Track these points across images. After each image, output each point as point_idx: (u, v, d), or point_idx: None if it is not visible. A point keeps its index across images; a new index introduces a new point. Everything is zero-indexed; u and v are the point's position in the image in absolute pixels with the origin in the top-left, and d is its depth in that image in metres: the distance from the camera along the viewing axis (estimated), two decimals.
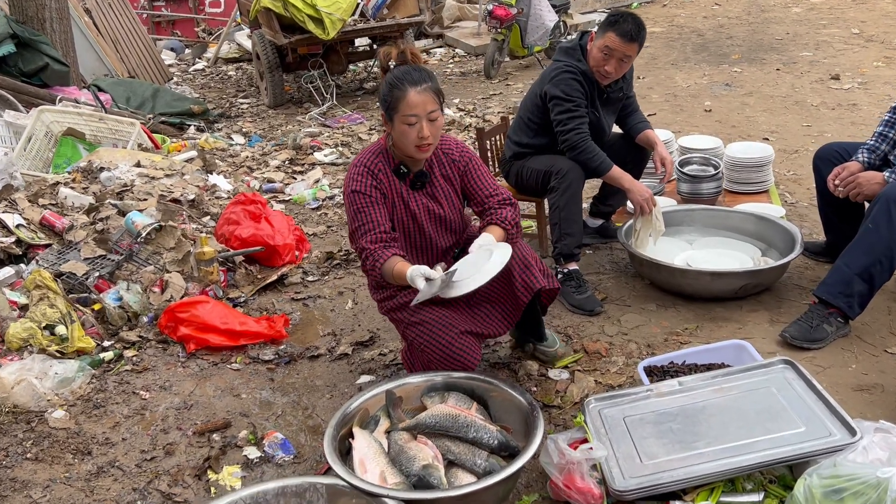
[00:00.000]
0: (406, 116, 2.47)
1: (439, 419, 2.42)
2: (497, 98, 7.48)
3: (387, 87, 2.52)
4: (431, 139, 2.51)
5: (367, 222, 2.56)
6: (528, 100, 3.60)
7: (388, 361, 3.15)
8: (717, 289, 3.27)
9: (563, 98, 3.37)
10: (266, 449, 2.64)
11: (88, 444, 2.70)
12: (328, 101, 7.45)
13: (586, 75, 3.39)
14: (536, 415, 2.38)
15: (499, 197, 2.69)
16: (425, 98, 2.47)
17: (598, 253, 3.93)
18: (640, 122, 3.68)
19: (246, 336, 3.36)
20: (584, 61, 3.40)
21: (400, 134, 2.52)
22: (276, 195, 5.18)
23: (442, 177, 2.70)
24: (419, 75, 2.49)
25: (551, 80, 3.41)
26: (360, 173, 2.60)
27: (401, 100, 2.47)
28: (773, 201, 4.26)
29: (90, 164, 4.52)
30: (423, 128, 2.48)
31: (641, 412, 2.45)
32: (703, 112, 6.38)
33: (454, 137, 2.79)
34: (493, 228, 2.62)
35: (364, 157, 2.64)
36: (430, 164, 2.68)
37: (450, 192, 2.72)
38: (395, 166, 2.63)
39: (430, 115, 2.49)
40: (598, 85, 3.44)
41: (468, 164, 2.72)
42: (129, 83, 7.13)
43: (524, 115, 3.61)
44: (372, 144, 2.69)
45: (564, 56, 3.45)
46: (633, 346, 3.04)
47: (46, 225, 3.84)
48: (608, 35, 3.28)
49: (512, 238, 2.63)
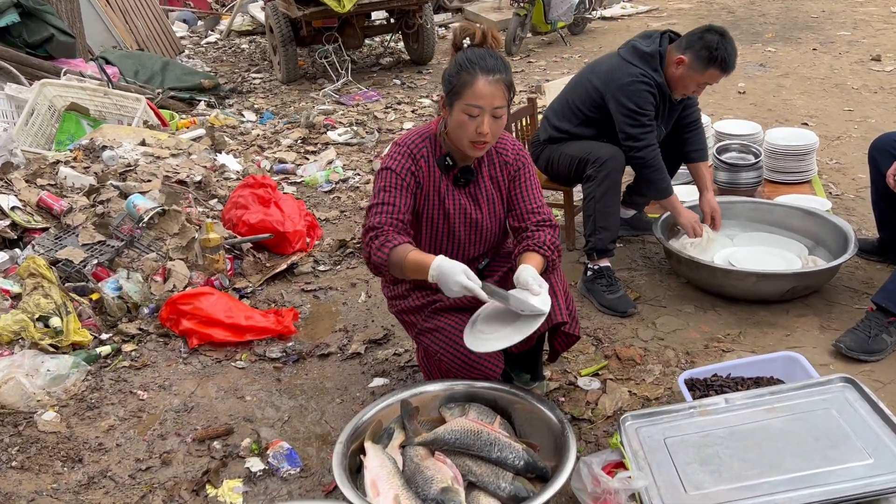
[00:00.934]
0: (469, 106, 2.18)
1: (460, 435, 2.19)
2: (518, 76, 7.18)
3: (455, 67, 2.22)
4: (490, 137, 2.22)
5: (388, 203, 2.28)
6: (580, 87, 3.31)
7: (402, 363, 2.92)
8: (763, 291, 3.01)
9: (638, 112, 3.10)
10: (270, 460, 2.43)
11: (80, 450, 2.50)
12: (343, 78, 7.18)
13: (661, 88, 3.13)
14: (567, 434, 2.15)
15: (540, 216, 2.35)
16: (495, 90, 2.17)
17: (630, 247, 3.68)
18: (699, 148, 3.42)
19: (252, 331, 3.15)
20: (661, 71, 3.12)
21: (457, 124, 2.23)
22: (287, 177, 4.94)
23: (489, 178, 2.40)
24: (495, 63, 2.18)
25: (623, 87, 3.11)
26: (402, 154, 2.32)
27: (468, 86, 2.17)
28: (816, 193, 3.98)
29: (92, 142, 4.29)
30: (485, 123, 2.18)
31: (684, 433, 2.21)
32: (736, 94, 6.07)
33: (512, 136, 2.48)
34: (531, 257, 2.26)
35: (409, 139, 2.36)
36: (479, 161, 2.39)
37: (494, 197, 2.41)
38: (440, 156, 2.35)
39: (495, 111, 2.19)
40: (670, 99, 3.20)
41: (521, 169, 2.41)
42: (137, 56, 6.88)
43: (572, 102, 3.33)
44: (421, 126, 2.41)
45: (641, 62, 3.13)
46: (670, 354, 2.79)
47: (44, 207, 3.63)
48: (710, 72, 3.03)
49: (553, 265, 2.32)
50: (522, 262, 2.23)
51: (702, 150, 3.40)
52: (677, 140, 3.39)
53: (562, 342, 2.41)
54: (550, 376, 2.73)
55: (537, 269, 2.19)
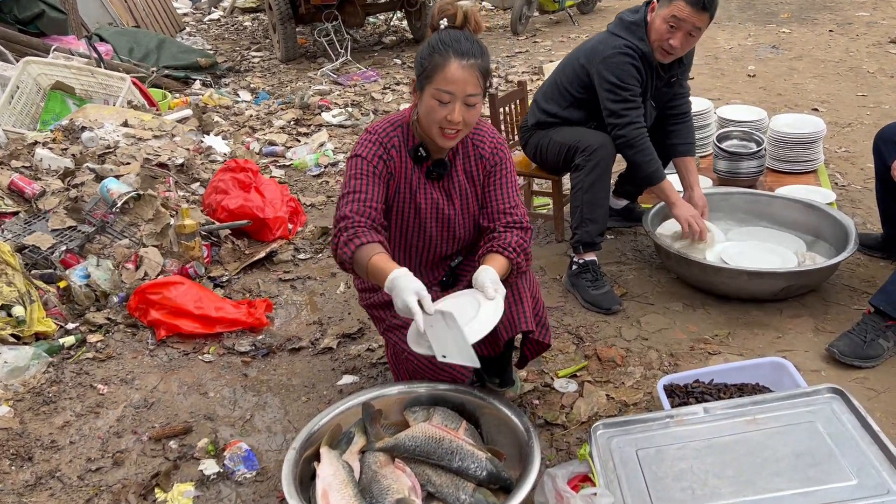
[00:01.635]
0: (439, 91, 2.02)
1: (421, 442, 2.07)
2: (523, 56, 6.99)
3: (427, 49, 2.06)
4: (462, 126, 2.06)
5: (358, 191, 2.12)
6: (568, 67, 3.13)
7: (375, 359, 2.80)
8: (755, 290, 2.85)
9: (617, 85, 2.92)
10: (227, 462, 2.32)
11: (31, 447, 2.41)
12: (342, 57, 7.01)
13: (647, 59, 2.92)
14: (532, 444, 2.02)
15: (511, 217, 2.18)
16: (468, 76, 2.01)
17: (621, 239, 3.52)
18: (685, 142, 3.19)
19: (222, 323, 3.03)
20: (647, 41, 2.92)
21: (427, 109, 2.07)
22: (275, 159, 4.81)
23: (464, 172, 2.24)
24: (470, 47, 2.02)
25: (605, 60, 2.93)
26: (372, 142, 2.17)
27: (439, 69, 2.01)
28: (821, 183, 3.80)
29: (72, 122, 4.18)
30: (456, 110, 2.02)
31: (658, 444, 2.07)
32: (745, 77, 5.85)
33: (491, 128, 2.30)
34: (494, 258, 2.09)
35: (379, 127, 2.20)
36: (454, 153, 2.23)
37: (467, 193, 2.25)
38: (413, 146, 2.19)
39: (468, 98, 2.03)
40: (657, 71, 2.99)
41: (497, 165, 2.23)
42: (133, 33, 6.76)
43: (560, 83, 3.15)
44: (393, 115, 2.25)
45: (625, 32, 2.94)
46: (653, 355, 2.65)
47: (15, 190, 3.52)
48: (676, 3, 2.79)
49: (519, 269, 2.14)
50: (484, 263, 2.08)
51: (690, 143, 3.21)
52: (663, 132, 3.20)
53: (531, 349, 2.27)
54: (526, 377, 2.60)
55: (500, 272, 2.05)
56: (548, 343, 2.24)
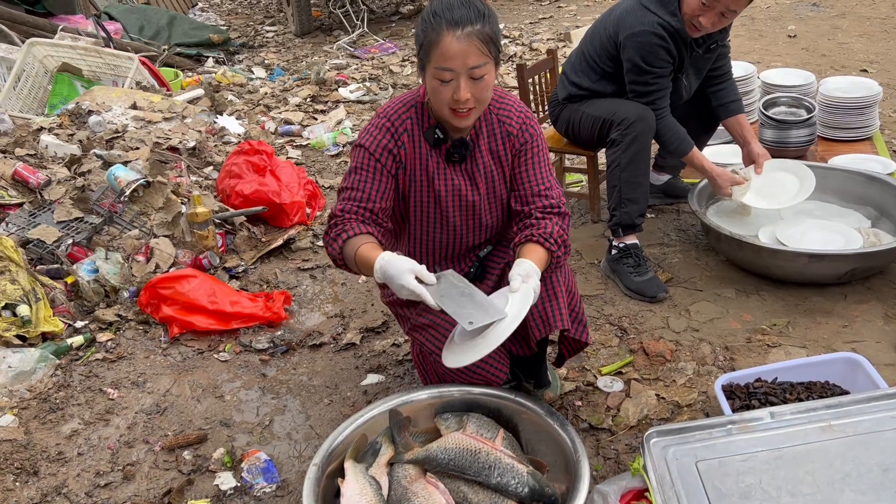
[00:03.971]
0: (438, 70, 1.78)
1: (454, 455, 1.88)
2: (547, 23, 6.67)
3: (421, 23, 1.82)
4: (473, 103, 1.82)
5: (356, 188, 1.93)
6: (596, 37, 2.87)
7: (401, 356, 2.60)
8: (816, 273, 2.60)
9: (643, 68, 2.69)
10: (244, 475, 2.14)
11: (37, 460, 2.25)
12: (358, 29, 6.75)
13: (678, 35, 2.66)
14: (580, 458, 1.82)
15: (547, 200, 1.96)
16: (467, 47, 1.75)
17: (663, 218, 3.27)
18: (733, 100, 2.97)
19: (238, 318, 2.85)
20: (679, 15, 2.66)
21: (431, 91, 1.84)
22: (292, 139, 4.59)
23: (489, 152, 2.00)
24: (465, 13, 1.76)
25: (633, 38, 2.68)
26: (379, 128, 1.95)
27: (434, 45, 1.77)
28: (878, 151, 3.51)
29: (78, 106, 3.99)
30: (461, 87, 1.78)
31: (721, 455, 1.85)
32: (786, 38, 5.51)
33: (518, 100, 2.04)
34: (533, 250, 1.87)
35: (390, 110, 1.97)
36: (476, 130, 1.99)
37: (494, 175, 2.01)
38: (428, 128, 1.96)
39: (472, 72, 1.78)
40: (692, 46, 2.73)
41: (528, 142, 2.00)
42: (142, 10, 6.54)
43: (589, 54, 2.90)
44: (406, 94, 2.01)
45: (656, 6, 2.67)
46: (705, 349, 2.42)
47: (20, 180, 3.34)
48: None
49: (558, 262, 1.93)
50: (522, 254, 1.86)
51: (738, 100, 2.97)
52: (706, 96, 2.95)
53: (569, 347, 2.06)
54: (566, 374, 2.38)
55: (539, 265, 1.82)
56: (585, 341, 2.02)
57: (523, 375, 2.26)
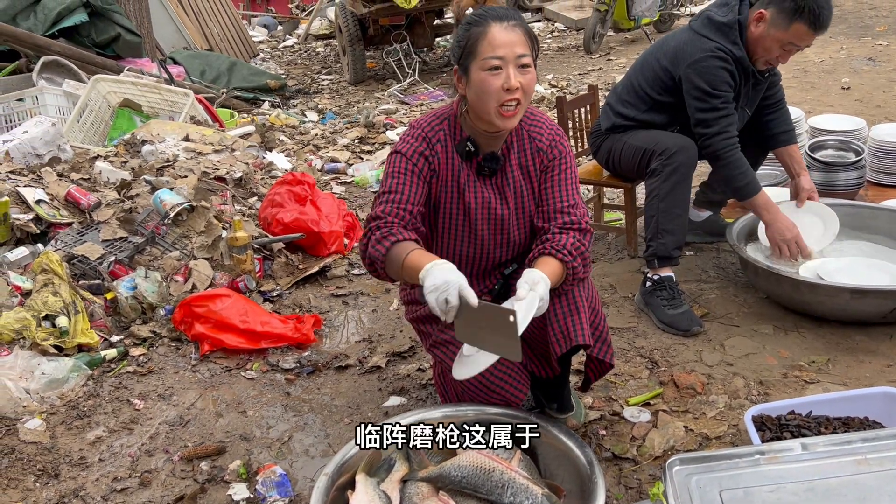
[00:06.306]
0: (487, 59, 1.81)
1: (468, 473, 1.83)
2: (595, 74, 6.73)
3: (463, 28, 1.89)
4: (521, 95, 1.84)
5: (395, 191, 1.93)
6: (647, 68, 2.87)
7: (425, 380, 2.57)
8: (859, 310, 2.49)
9: (708, 93, 2.66)
10: (258, 487, 2.12)
11: (59, 463, 2.27)
12: (410, 77, 6.92)
13: (741, 63, 2.67)
14: (596, 480, 1.75)
15: (568, 217, 1.94)
16: (514, 37, 1.82)
17: (701, 255, 3.19)
18: (785, 130, 2.93)
19: (268, 338, 2.87)
20: (741, 44, 2.66)
21: (478, 89, 1.85)
22: (337, 176, 4.69)
23: (519, 167, 2.01)
24: (506, 11, 1.88)
25: (694, 64, 2.68)
26: (414, 137, 1.98)
27: (481, 38, 1.82)
28: None
29: (133, 136, 4.16)
30: (511, 75, 1.80)
31: (746, 485, 1.75)
32: (839, 90, 5.42)
33: (547, 117, 2.07)
34: (546, 262, 1.85)
35: (424, 121, 2.00)
36: (507, 145, 2.00)
37: (522, 190, 2.01)
38: (460, 140, 1.97)
39: (519, 60, 1.82)
40: (755, 76, 2.74)
41: (557, 158, 2.00)
42: (205, 56, 6.86)
43: (639, 85, 2.89)
44: (439, 108, 2.05)
45: (716, 35, 2.68)
46: (739, 383, 2.32)
47: (72, 201, 3.48)
48: (796, 27, 2.54)
49: (575, 275, 1.88)
50: (534, 266, 1.84)
51: (790, 131, 2.92)
52: (759, 125, 2.90)
53: (594, 370, 2.00)
54: (592, 403, 2.31)
55: (552, 277, 1.79)
56: (610, 363, 1.96)
57: (546, 400, 2.20)
